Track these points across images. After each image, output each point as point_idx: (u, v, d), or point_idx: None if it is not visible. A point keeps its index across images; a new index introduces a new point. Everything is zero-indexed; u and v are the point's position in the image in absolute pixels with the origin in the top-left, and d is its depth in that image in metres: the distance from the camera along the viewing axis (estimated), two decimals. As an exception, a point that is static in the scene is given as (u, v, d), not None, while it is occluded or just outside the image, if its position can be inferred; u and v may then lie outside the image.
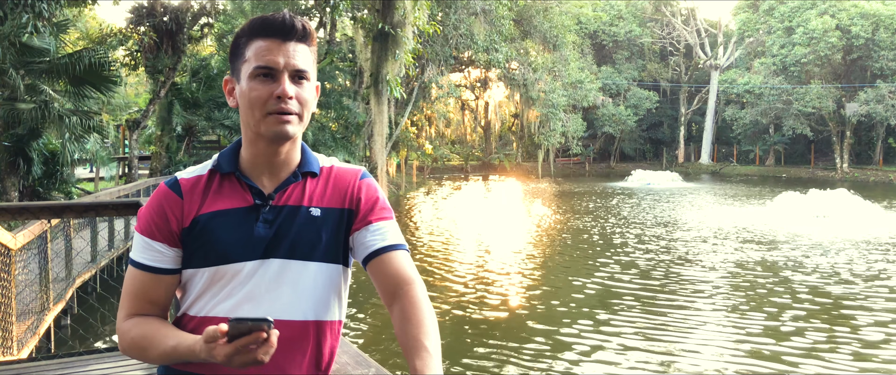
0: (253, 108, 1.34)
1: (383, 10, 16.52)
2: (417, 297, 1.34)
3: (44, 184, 12.35)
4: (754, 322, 8.72)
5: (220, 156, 1.44)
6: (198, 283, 1.37)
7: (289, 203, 1.39)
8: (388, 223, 1.43)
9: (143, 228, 1.39)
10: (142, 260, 1.37)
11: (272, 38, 1.34)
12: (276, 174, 1.41)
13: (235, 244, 1.35)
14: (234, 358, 1.15)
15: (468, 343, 8.13)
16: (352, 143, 23.48)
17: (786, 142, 44.21)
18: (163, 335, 1.31)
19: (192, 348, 1.23)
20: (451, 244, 15.93)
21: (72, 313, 8.45)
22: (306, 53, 1.37)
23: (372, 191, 1.45)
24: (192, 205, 1.38)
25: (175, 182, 1.41)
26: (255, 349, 1.14)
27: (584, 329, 8.53)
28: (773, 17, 41.70)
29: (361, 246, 1.41)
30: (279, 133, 1.34)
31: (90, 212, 4.30)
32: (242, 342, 1.14)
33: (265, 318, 1.14)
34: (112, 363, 2.94)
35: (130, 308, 1.38)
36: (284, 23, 1.34)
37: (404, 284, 1.36)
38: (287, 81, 1.33)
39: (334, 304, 1.43)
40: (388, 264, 1.38)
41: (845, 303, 9.67)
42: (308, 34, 1.37)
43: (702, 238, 15.93)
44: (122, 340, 1.38)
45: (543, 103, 34.59)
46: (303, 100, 1.36)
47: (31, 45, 11.11)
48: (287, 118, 1.34)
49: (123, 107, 28.38)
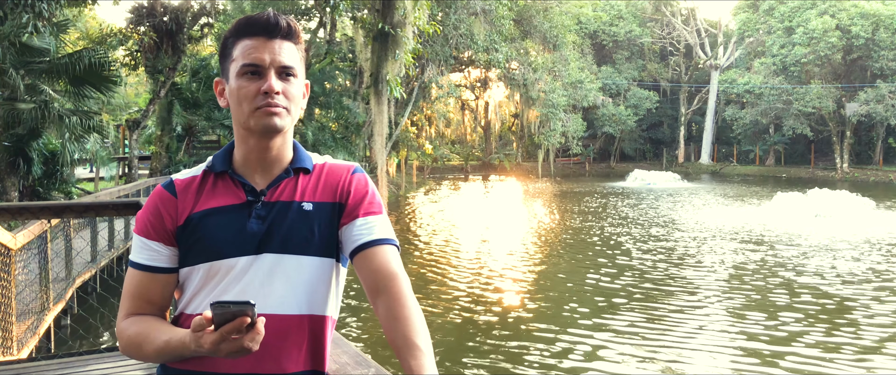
0: (241, 105, 1.37)
1: (383, 10, 16.52)
2: (403, 293, 1.33)
3: (44, 184, 12.35)
4: (754, 322, 8.72)
5: (214, 157, 1.47)
6: (194, 281, 1.38)
7: (281, 198, 1.40)
8: (376, 217, 1.43)
9: (140, 229, 1.42)
10: (139, 260, 1.40)
11: (257, 37, 1.37)
12: (269, 171, 1.43)
13: (229, 240, 1.36)
14: (221, 347, 1.15)
15: (468, 344, 8.13)
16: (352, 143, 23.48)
17: (786, 142, 44.21)
18: (157, 331, 1.33)
19: (182, 340, 1.24)
20: (450, 244, 15.93)
21: (72, 313, 8.45)
22: (292, 50, 1.40)
23: (362, 185, 1.46)
24: (186, 204, 1.40)
25: (170, 183, 1.44)
26: (241, 337, 1.14)
27: (584, 329, 8.53)
28: (773, 17, 41.70)
29: (348, 240, 1.41)
30: (267, 125, 1.36)
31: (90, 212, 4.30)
32: (227, 328, 1.13)
33: (247, 301, 1.13)
34: (112, 363, 2.94)
35: (129, 307, 1.40)
36: (268, 21, 1.37)
37: (388, 279, 1.35)
38: (273, 77, 1.36)
39: (328, 298, 1.43)
40: (372, 259, 1.37)
41: (846, 304, 9.67)
42: (293, 32, 1.39)
43: (701, 238, 15.93)
44: (121, 339, 1.39)
45: (543, 103, 34.59)
46: (290, 96, 1.38)
47: (31, 45, 11.11)
48: (274, 110, 1.36)
49: (123, 107, 28.38)
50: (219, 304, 1.13)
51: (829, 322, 8.71)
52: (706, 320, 8.86)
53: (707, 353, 7.54)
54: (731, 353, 7.53)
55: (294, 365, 1.37)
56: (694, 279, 11.37)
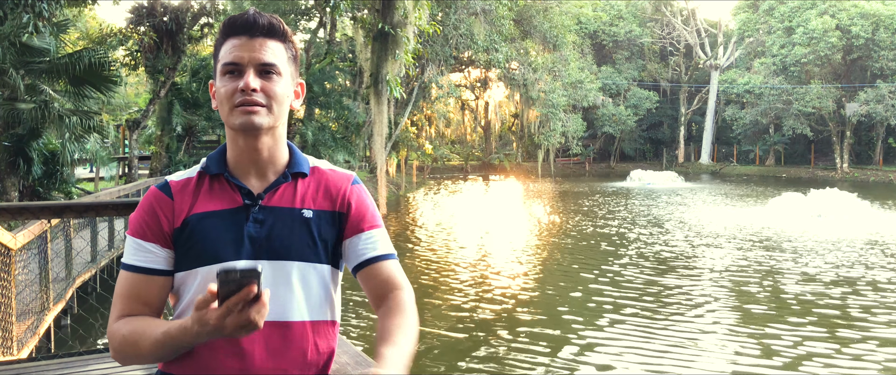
0: (223, 104, 1.37)
1: (383, 10, 16.52)
2: (404, 299, 1.41)
3: (44, 184, 12.34)
4: (754, 322, 8.72)
5: (208, 158, 1.45)
6: (191, 286, 1.36)
7: (280, 204, 1.40)
8: (378, 231, 1.46)
9: (135, 230, 1.38)
10: (134, 263, 1.36)
11: (239, 36, 1.37)
12: (264, 173, 1.42)
13: (226, 244, 1.35)
14: (227, 322, 1.12)
15: (468, 344, 8.13)
16: (352, 143, 23.48)
17: (786, 142, 44.21)
18: (154, 325, 1.29)
19: (183, 325, 1.20)
20: (450, 244, 15.93)
21: (72, 313, 8.45)
22: (275, 48, 1.38)
23: (364, 199, 1.48)
24: (183, 206, 1.38)
25: (165, 184, 1.42)
26: (247, 310, 1.12)
27: (584, 329, 8.53)
28: (773, 17, 41.70)
29: (353, 254, 1.44)
30: (245, 123, 1.35)
31: (90, 212, 4.30)
32: (233, 300, 1.11)
33: (254, 268, 1.11)
34: (112, 363, 2.94)
35: (122, 310, 1.36)
36: (247, 20, 1.37)
37: (394, 288, 1.43)
38: (251, 75, 1.35)
39: (329, 304, 1.43)
40: (378, 273, 1.43)
41: (846, 306, 9.67)
42: (276, 30, 1.38)
43: (702, 238, 15.93)
44: (113, 340, 1.33)
45: (543, 103, 34.59)
46: (271, 93, 1.37)
47: (31, 45, 11.10)
48: (252, 108, 1.35)
49: (123, 107, 28.36)
50: (225, 271, 1.11)
51: (828, 323, 8.71)
52: (706, 320, 8.85)
53: (707, 353, 7.54)
54: (731, 353, 7.53)
55: (297, 371, 1.37)
56: (694, 279, 11.36)
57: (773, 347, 7.73)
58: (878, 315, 9.00)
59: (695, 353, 7.56)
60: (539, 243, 15.99)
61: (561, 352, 7.68)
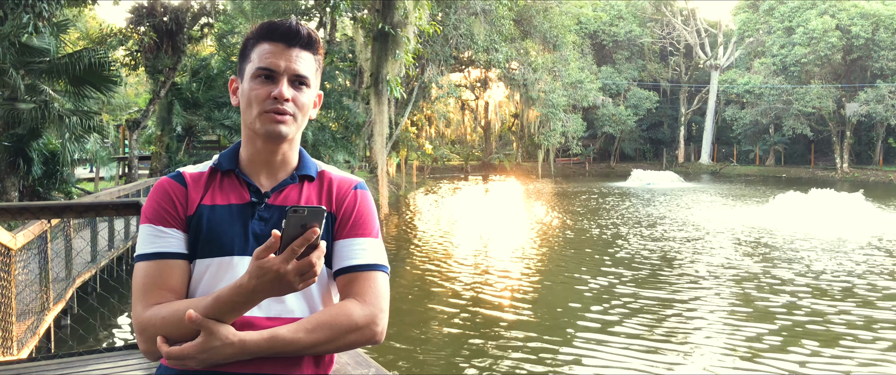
0: (251, 106, 1.39)
1: (383, 10, 16.51)
2: (351, 312, 1.33)
3: (44, 184, 12.33)
4: (754, 323, 8.72)
5: (221, 155, 1.48)
6: (204, 277, 1.36)
7: (285, 203, 1.42)
8: (370, 241, 1.42)
9: (152, 217, 1.38)
10: (153, 250, 1.36)
11: (277, 42, 1.38)
12: (274, 174, 1.45)
13: (234, 238, 1.37)
14: (289, 267, 1.16)
15: (467, 344, 8.13)
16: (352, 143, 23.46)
17: (786, 142, 44.22)
18: (197, 299, 1.30)
19: (238, 284, 1.22)
20: (450, 244, 15.93)
21: (72, 313, 8.45)
22: (309, 61, 1.41)
23: (363, 205, 1.46)
24: (196, 194, 1.41)
25: (178, 174, 1.45)
26: (310, 254, 1.16)
27: (584, 329, 8.53)
28: (773, 17, 41.71)
29: (337, 257, 1.41)
30: (272, 131, 1.38)
31: (90, 212, 4.30)
32: (298, 242, 1.14)
33: (320, 207, 1.15)
34: (112, 363, 2.94)
35: (149, 299, 1.32)
36: (289, 28, 1.39)
37: (358, 297, 1.36)
38: (285, 84, 1.37)
39: (328, 305, 1.43)
40: (355, 282, 1.38)
41: (846, 305, 9.67)
42: (313, 42, 1.41)
43: (701, 238, 15.93)
44: (151, 327, 1.29)
45: (543, 103, 34.59)
46: (300, 104, 1.40)
47: (31, 45, 11.09)
48: (281, 118, 1.37)
49: (123, 107, 28.36)
50: (293, 208, 1.14)
51: (827, 325, 8.71)
52: (706, 320, 8.85)
53: (707, 353, 7.54)
54: (731, 353, 7.53)
55: (299, 371, 1.37)
56: (694, 279, 11.36)
57: (773, 347, 7.73)
58: (879, 315, 9.00)
59: (695, 353, 7.56)
60: (539, 243, 15.99)
61: (561, 352, 7.69)
